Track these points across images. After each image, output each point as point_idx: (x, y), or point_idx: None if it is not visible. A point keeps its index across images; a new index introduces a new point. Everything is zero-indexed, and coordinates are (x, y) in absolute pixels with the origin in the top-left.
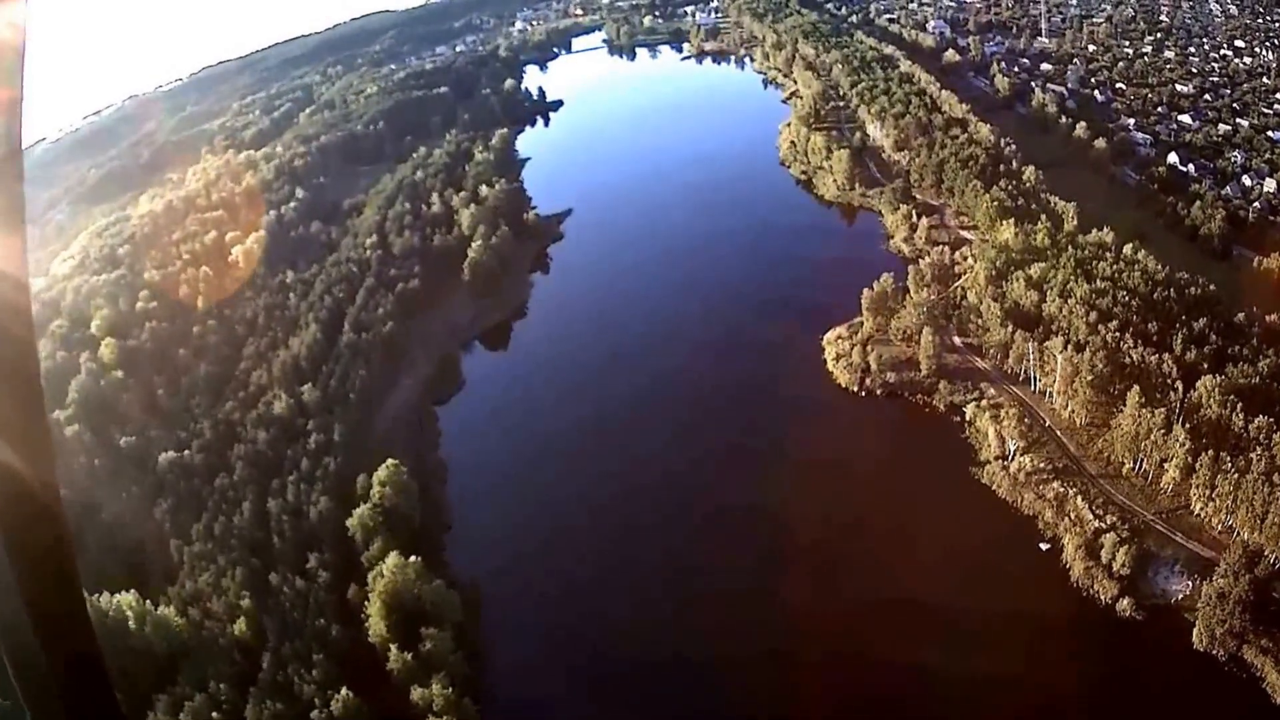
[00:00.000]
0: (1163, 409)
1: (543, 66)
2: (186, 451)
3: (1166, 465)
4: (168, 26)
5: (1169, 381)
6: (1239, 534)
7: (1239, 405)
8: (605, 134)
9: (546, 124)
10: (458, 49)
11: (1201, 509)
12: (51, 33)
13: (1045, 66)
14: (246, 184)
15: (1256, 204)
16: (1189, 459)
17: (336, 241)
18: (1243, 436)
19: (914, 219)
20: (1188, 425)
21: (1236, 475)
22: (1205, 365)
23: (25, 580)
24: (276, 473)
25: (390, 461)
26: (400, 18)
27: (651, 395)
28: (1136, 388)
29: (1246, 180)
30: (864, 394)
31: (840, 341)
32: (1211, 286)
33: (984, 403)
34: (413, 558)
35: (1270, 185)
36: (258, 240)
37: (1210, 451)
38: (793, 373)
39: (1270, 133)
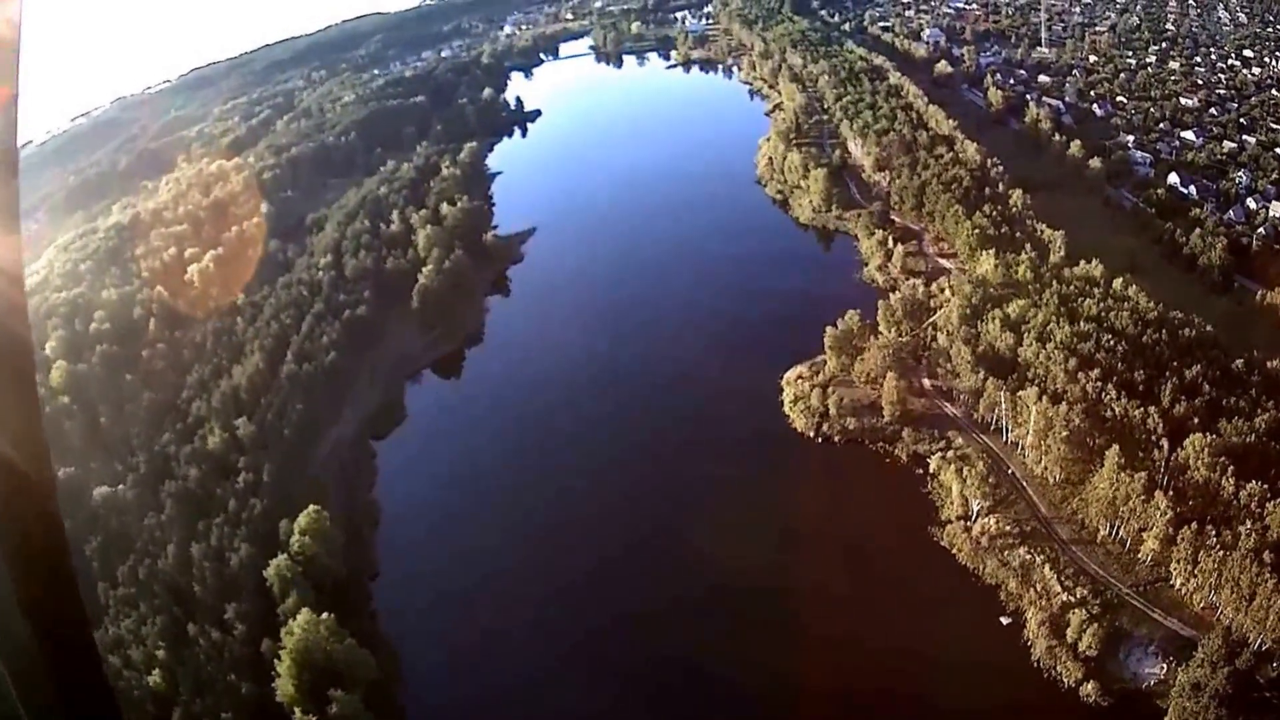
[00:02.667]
0: (1144, 471)
1: (527, 73)
2: (121, 486)
3: (1145, 534)
4: (164, 25)
5: (1153, 439)
6: (1222, 613)
7: (1230, 469)
8: (580, 148)
9: (524, 134)
10: (443, 54)
11: (1183, 584)
12: (45, 32)
13: (1043, 78)
14: (214, 197)
15: (1261, 230)
16: (1170, 530)
17: (292, 261)
18: (1232, 504)
19: (890, 245)
20: (1172, 489)
21: (1222, 551)
22: (1196, 420)
23: (20, 576)
24: (205, 513)
25: (312, 508)
26: (390, 20)
27: (596, 437)
28: (1116, 447)
29: (1251, 203)
30: (821, 440)
31: (800, 382)
32: (1208, 327)
33: (950, 454)
34: (325, 615)
35: (1277, 209)
36: (215, 259)
37: (1193, 524)
38: (746, 416)
39: (1278, 149)
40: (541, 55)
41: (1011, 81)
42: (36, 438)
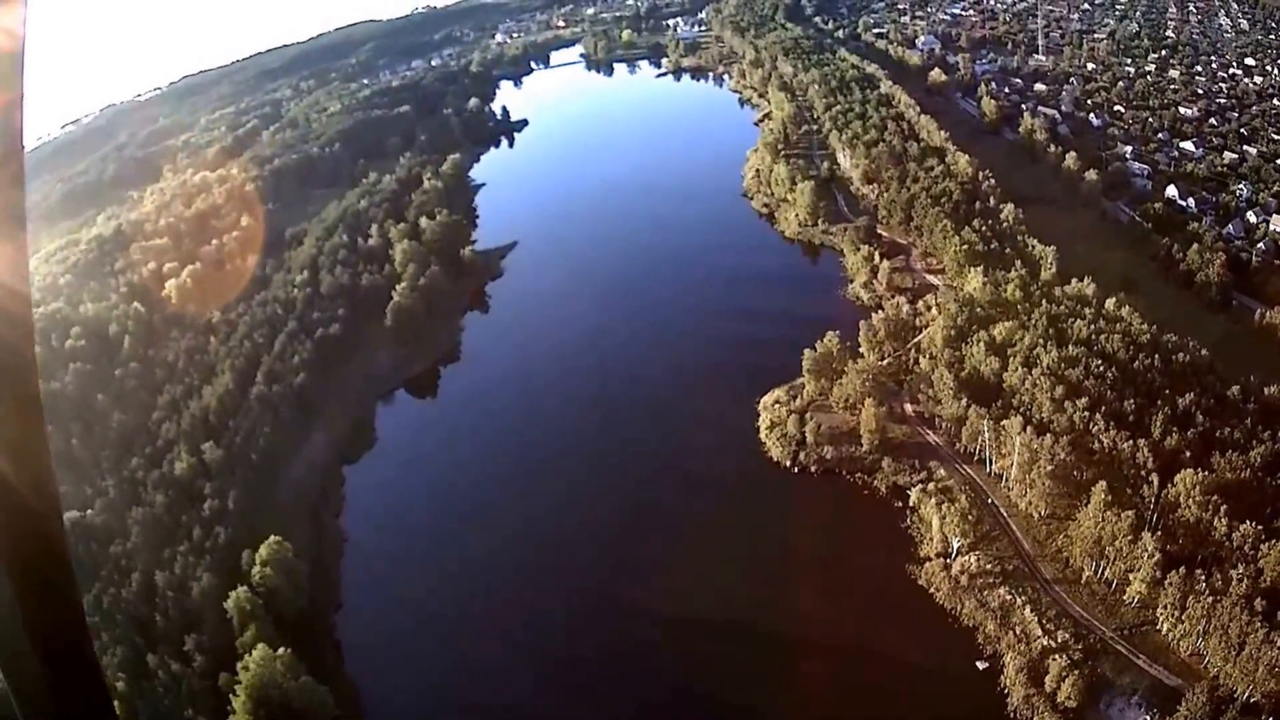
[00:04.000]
0: (1132, 510)
1: (517, 82)
2: (90, 511)
3: (1132, 576)
4: (160, 31)
5: (1143, 474)
6: (1210, 661)
7: (1223, 508)
8: (565, 159)
9: (511, 145)
10: (433, 63)
11: (1169, 630)
12: (41, 37)
13: (1039, 87)
14: (196, 209)
15: (1261, 245)
16: (1157, 573)
17: (269, 276)
18: (1223, 545)
19: (876, 261)
20: (1161, 528)
21: (1211, 598)
22: (1188, 453)
23: (23, 595)
24: (171, 540)
25: (273, 539)
26: (383, 28)
27: (566, 464)
28: (1103, 483)
29: (1251, 216)
30: (797, 470)
31: (778, 407)
32: (1203, 351)
33: (931, 486)
34: (281, 650)
35: (1278, 223)
36: (192, 274)
37: (1181, 569)
38: (721, 444)
39: None
40: (532, 64)
41: (1007, 90)
42: (41, 456)
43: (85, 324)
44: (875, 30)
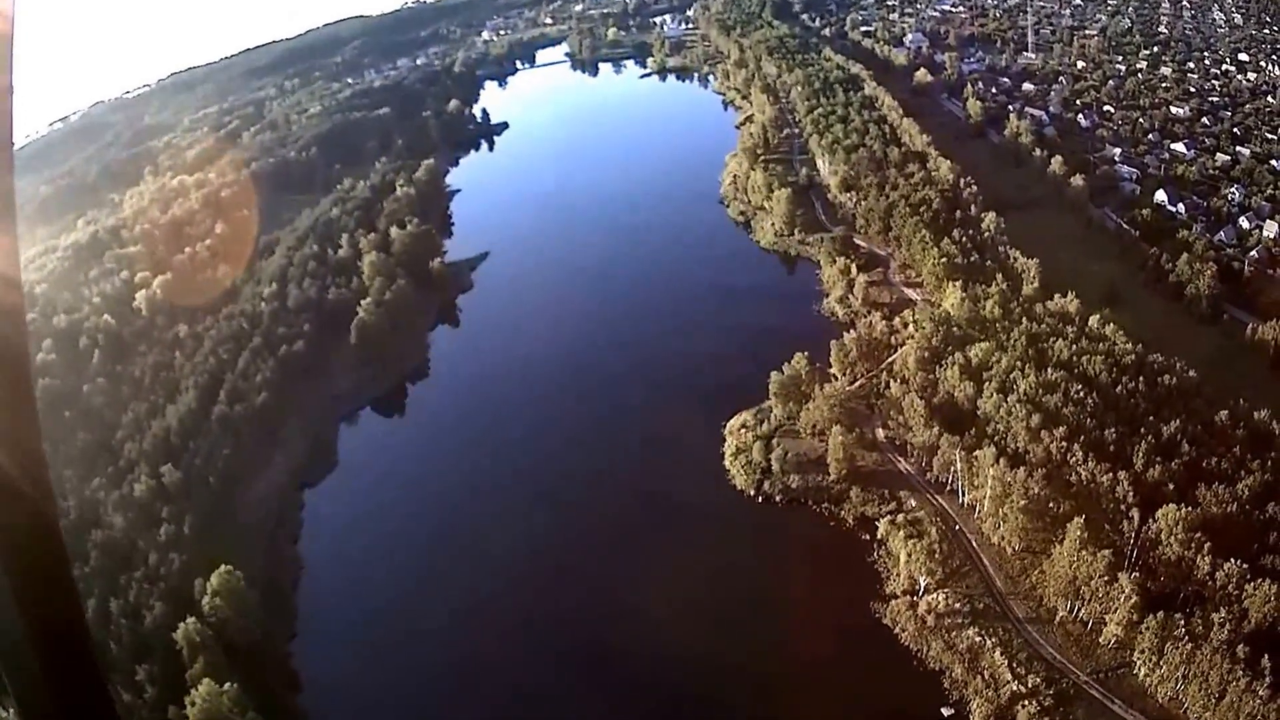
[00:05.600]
0: (1109, 549)
1: (502, 82)
2: None
3: (1108, 618)
4: (151, 25)
5: (1122, 508)
6: (1189, 709)
7: (1206, 545)
8: (542, 164)
9: (491, 148)
10: (418, 61)
11: (1147, 675)
12: (35, 30)
13: (1027, 86)
14: (171, 215)
15: (1254, 253)
16: (1133, 615)
17: (239, 288)
18: (1206, 584)
19: (853, 274)
20: (1140, 565)
21: (1190, 645)
22: (1171, 486)
23: (18, 583)
24: (128, 565)
25: (224, 568)
26: (370, 25)
27: (524, 490)
28: (1079, 520)
29: (1244, 222)
30: (762, 500)
31: (744, 432)
32: (1191, 372)
33: (900, 517)
34: (228, 685)
35: (1271, 229)
36: (163, 285)
37: (1159, 613)
38: (682, 472)
39: (1274, 162)
40: (517, 63)
41: (994, 91)
42: (34, 444)
43: (57, 337)
44: (863, 28)
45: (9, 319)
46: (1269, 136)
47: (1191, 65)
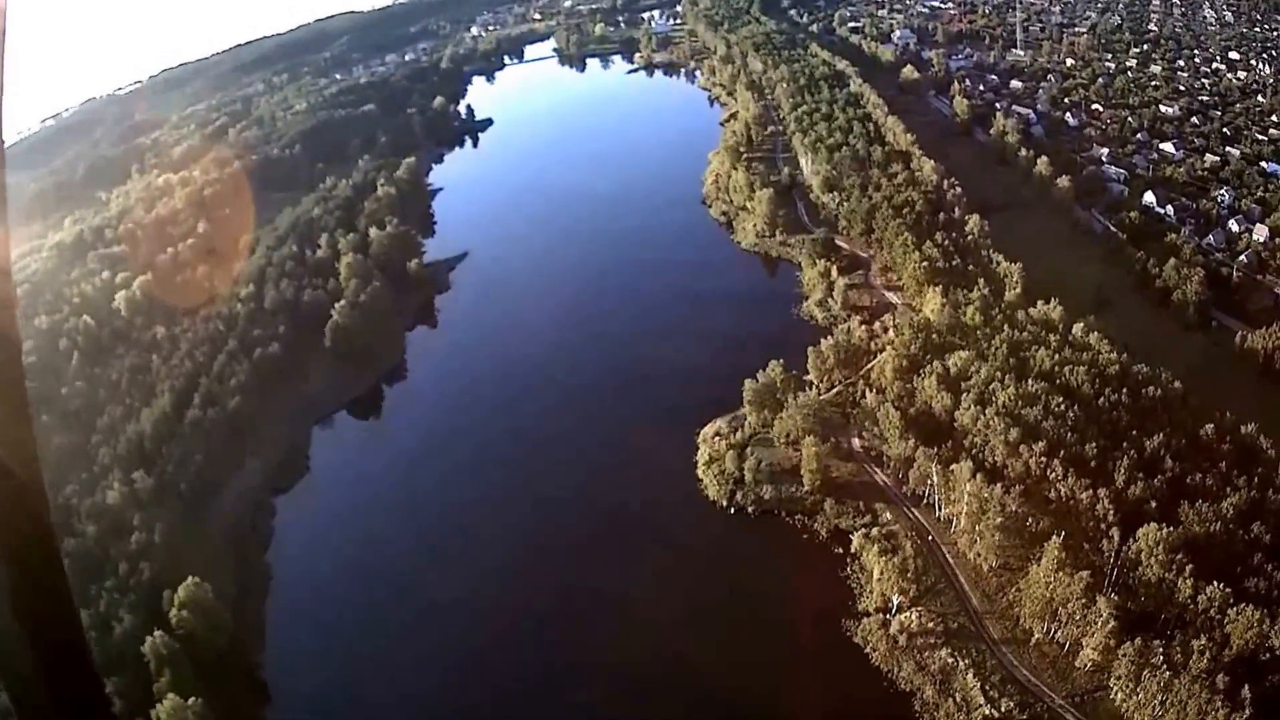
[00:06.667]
0: (1087, 570)
1: (489, 78)
2: None
3: (1085, 641)
4: (145, 22)
5: (1102, 528)
6: None
7: (1188, 567)
8: (525, 162)
9: (475, 145)
10: (406, 57)
11: (1123, 701)
12: (32, 26)
13: (1015, 84)
14: (155, 214)
15: (1243, 258)
16: (1110, 641)
17: (218, 289)
18: (1187, 608)
19: (833, 277)
20: (1120, 586)
21: (1168, 673)
22: (1154, 503)
23: (10, 577)
24: (99, 574)
25: (191, 580)
26: (360, 20)
27: (490, 495)
28: (1056, 539)
29: (1234, 225)
30: (734, 511)
31: (717, 440)
32: (1176, 383)
33: (875, 531)
34: (192, 700)
35: (1261, 233)
36: (143, 286)
37: (1137, 640)
38: (654, 480)
39: (1264, 164)
40: (505, 59)
41: (981, 88)
42: (25, 437)
43: (38, 338)
44: (851, 24)
45: (1, 311)
46: (1259, 137)
47: (1181, 63)
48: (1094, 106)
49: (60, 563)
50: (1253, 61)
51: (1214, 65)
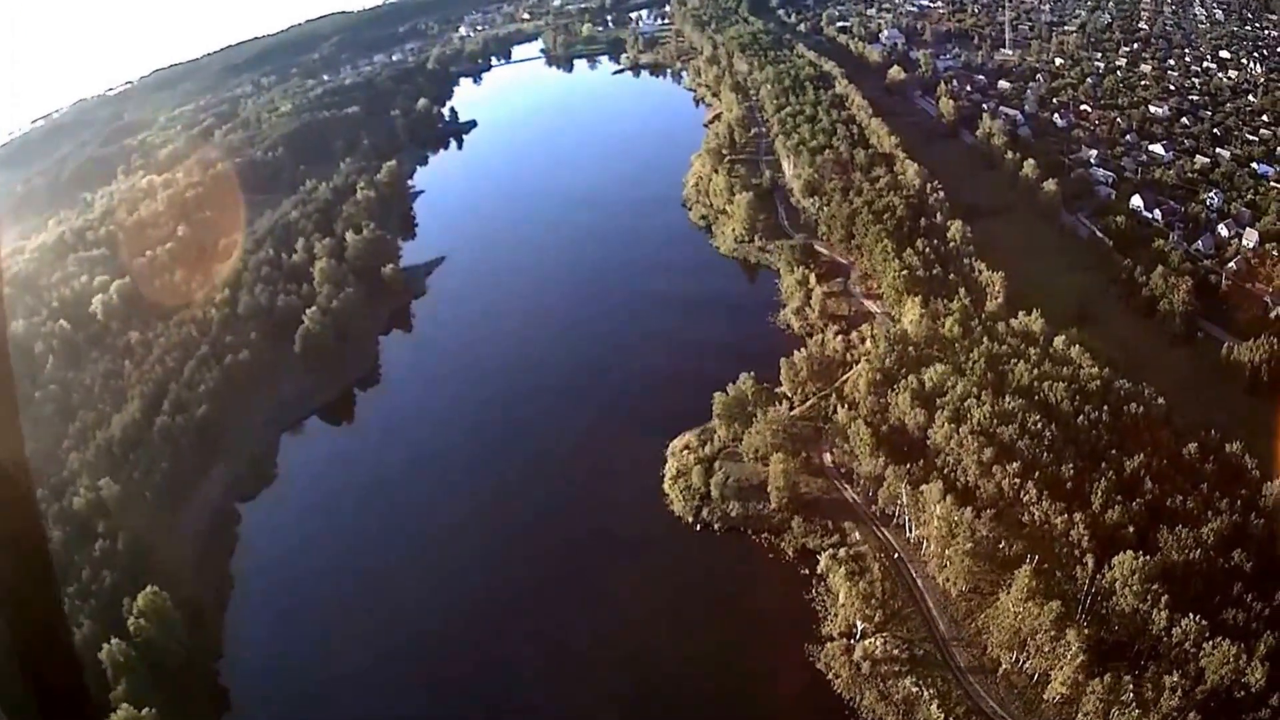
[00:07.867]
0: (1058, 600)
1: (476, 78)
2: None
3: (1054, 673)
4: (137, 21)
5: (1076, 554)
6: None
7: (1164, 598)
8: (508, 165)
9: (460, 146)
10: (394, 58)
11: None
12: (25, 26)
13: (1003, 84)
14: (137, 216)
15: (1232, 264)
16: (1079, 676)
17: (194, 292)
18: (1162, 641)
19: (811, 285)
20: (1092, 615)
21: (1137, 711)
22: (1131, 528)
23: None
24: (63, 580)
25: (150, 589)
26: (350, 21)
27: (459, 512)
28: (1027, 568)
29: (1223, 229)
30: (700, 528)
31: (686, 453)
32: (1159, 399)
33: (843, 552)
34: (146, 710)
35: (1251, 238)
36: (120, 290)
37: (1106, 676)
38: (621, 495)
39: (1255, 165)
40: (493, 59)
41: (969, 89)
42: (12, 426)
43: (15, 342)
44: (839, 24)
45: None
46: (1250, 138)
47: (1172, 62)
48: (1083, 107)
49: (46, 549)
50: (1244, 60)
51: (1205, 64)
